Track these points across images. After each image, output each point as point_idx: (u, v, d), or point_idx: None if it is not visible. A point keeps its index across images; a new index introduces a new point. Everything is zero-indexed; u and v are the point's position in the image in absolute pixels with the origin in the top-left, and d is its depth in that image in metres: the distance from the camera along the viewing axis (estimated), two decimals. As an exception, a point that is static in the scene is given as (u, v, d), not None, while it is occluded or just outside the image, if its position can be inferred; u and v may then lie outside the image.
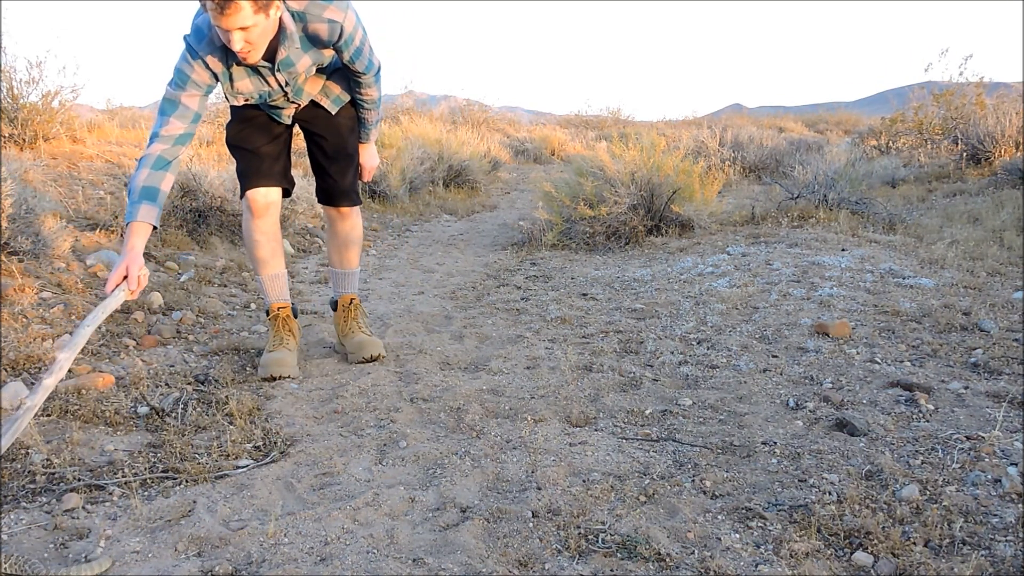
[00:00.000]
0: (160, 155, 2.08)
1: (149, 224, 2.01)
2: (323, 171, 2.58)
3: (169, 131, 2.10)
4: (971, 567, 1.32)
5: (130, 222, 2.00)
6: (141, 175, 2.06)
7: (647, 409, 2.17)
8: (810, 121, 19.84)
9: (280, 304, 2.59)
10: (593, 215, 4.79)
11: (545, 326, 3.07)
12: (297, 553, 1.45)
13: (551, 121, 21.33)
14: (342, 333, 2.72)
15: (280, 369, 2.44)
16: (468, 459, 1.86)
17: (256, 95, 2.28)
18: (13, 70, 5.36)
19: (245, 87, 2.24)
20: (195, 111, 2.14)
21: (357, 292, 2.75)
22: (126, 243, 1.96)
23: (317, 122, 2.50)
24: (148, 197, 2.03)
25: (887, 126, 9.15)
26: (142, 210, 2.01)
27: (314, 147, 2.57)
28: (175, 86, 2.12)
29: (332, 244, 2.71)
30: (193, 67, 2.11)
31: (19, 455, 1.79)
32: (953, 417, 1.99)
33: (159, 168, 2.08)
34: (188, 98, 2.12)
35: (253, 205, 2.46)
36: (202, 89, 2.14)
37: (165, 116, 2.11)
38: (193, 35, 2.10)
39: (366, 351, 2.60)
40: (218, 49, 2.10)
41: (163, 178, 2.08)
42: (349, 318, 2.70)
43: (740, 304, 3.17)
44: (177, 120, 2.11)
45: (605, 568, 1.39)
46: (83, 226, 3.69)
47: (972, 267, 3.57)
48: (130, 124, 8.34)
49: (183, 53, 2.12)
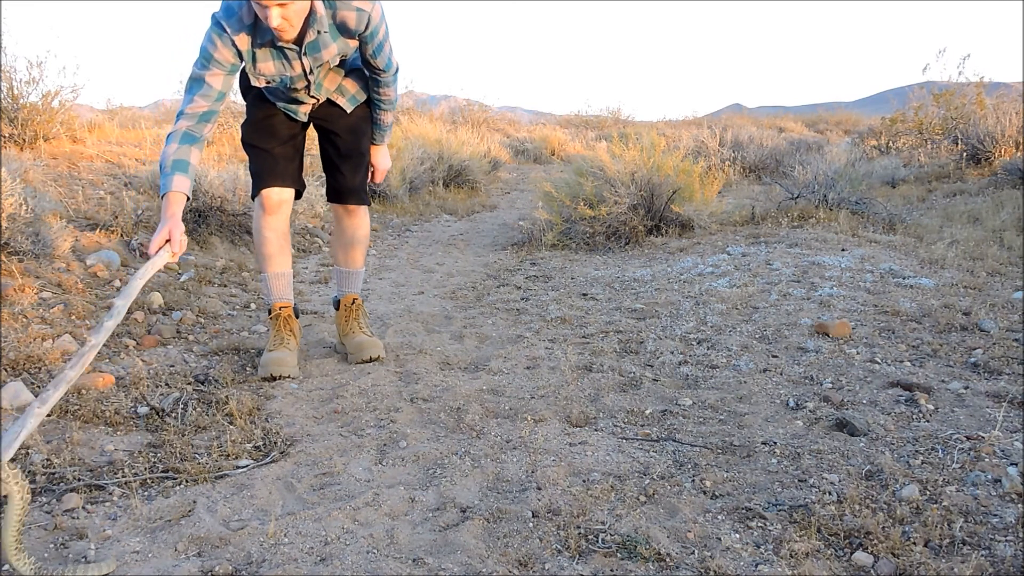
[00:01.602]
0: (186, 131, 2.17)
1: (183, 193, 2.10)
2: (335, 168, 2.60)
3: (194, 109, 2.18)
4: (971, 567, 1.32)
5: (165, 193, 2.08)
6: (170, 149, 2.14)
7: (647, 409, 2.17)
8: (810, 121, 19.84)
9: (282, 303, 2.60)
10: (593, 215, 4.79)
11: (545, 326, 3.07)
12: (297, 553, 1.45)
13: (551, 121, 21.33)
14: (343, 333, 2.72)
15: (280, 369, 2.44)
16: (468, 459, 1.86)
17: (278, 78, 2.31)
18: (13, 70, 5.36)
19: (268, 69, 2.27)
20: (219, 90, 2.20)
21: (360, 292, 2.76)
22: (165, 211, 2.05)
23: (332, 120, 2.54)
24: (180, 169, 2.12)
25: (887, 126, 9.15)
26: (176, 181, 2.10)
27: (328, 145, 2.60)
28: (200, 66, 2.18)
29: (338, 243, 2.73)
30: (217, 46, 2.15)
31: (19, 455, 1.79)
32: (953, 417, 1.99)
33: (186, 143, 2.16)
34: (212, 77, 2.18)
35: (266, 203, 2.49)
36: (225, 68, 2.19)
37: (190, 95, 2.19)
38: (223, 11, 2.14)
39: (365, 352, 2.61)
40: (246, 27, 2.15)
41: (190, 152, 2.16)
42: (350, 318, 2.71)
43: (740, 304, 3.17)
44: (201, 99, 2.18)
45: (605, 568, 1.39)
46: (83, 226, 3.69)
47: (972, 267, 3.57)
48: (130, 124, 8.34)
49: (208, 31, 2.16)
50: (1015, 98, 8.16)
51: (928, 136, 8.46)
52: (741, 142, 9.13)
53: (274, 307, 2.59)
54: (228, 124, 8.10)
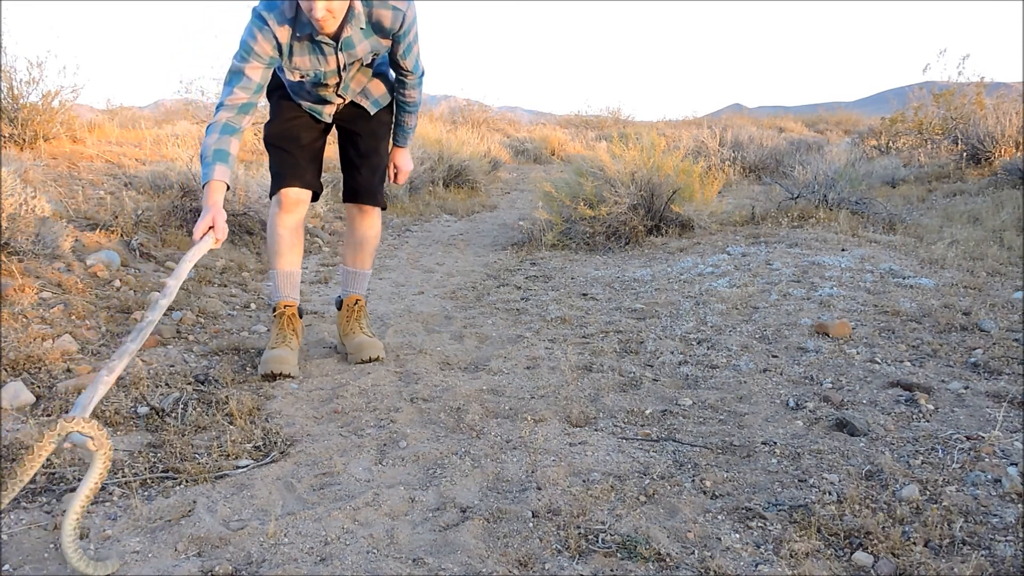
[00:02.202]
0: (226, 122, 2.22)
1: (224, 182, 2.15)
2: (354, 168, 2.65)
3: (233, 100, 2.23)
4: (971, 567, 1.32)
5: (207, 181, 2.14)
6: (211, 140, 2.20)
7: (647, 409, 2.17)
8: (810, 121, 19.83)
9: (287, 302, 2.61)
10: (593, 215, 4.79)
11: (545, 326, 3.07)
12: (297, 553, 1.45)
13: (551, 121, 21.32)
14: (343, 333, 2.73)
15: (280, 366, 2.45)
16: (468, 459, 1.86)
17: (312, 73, 2.36)
18: (13, 70, 5.37)
19: (303, 63, 2.32)
20: (257, 82, 2.25)
21: (364, 294, 2.78)
22: (207, 199, 2.10)
23: (354, 121, 2.59)
24: (220, 159, 2.18)
25: (887, 126, 9.16)
26: (217, 170, 2.15)
27: (348, 144, 2.64)
28: (239, 58, 2.23)
29: (349, 242, 2.75)
30: (258, 39, 2.20)
31: (19, 455, 1.79)
32: (953, 417, 1.99)
33: (226, 133, 2.21)
34: (251, 70, 2.23)
35: (284, 201, 2.54)
36: (264, 61, 2.24)
37: (230, 87, 2.24)
38: (265, 5, 2.20)
39: (365, 352, 2.62)
40: (287, 20, 2.20)
41: (230, 143, 2.21)
42: (352, 318, 2.73)
43: (740, 304, 3.17)
44: (240, 91, 2.23)
45: (605, 568, 1.39)
46: (83, 226, 3.69)
47: (972, 267, 3.57)
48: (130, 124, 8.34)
49: (249, 24, 2.21)
50: (1015, 98, 8.16)
51: (928, 136, 8.46)
52: (741, 142, 9.13)
53: (279, 305, 2.60)
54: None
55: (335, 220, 5.55)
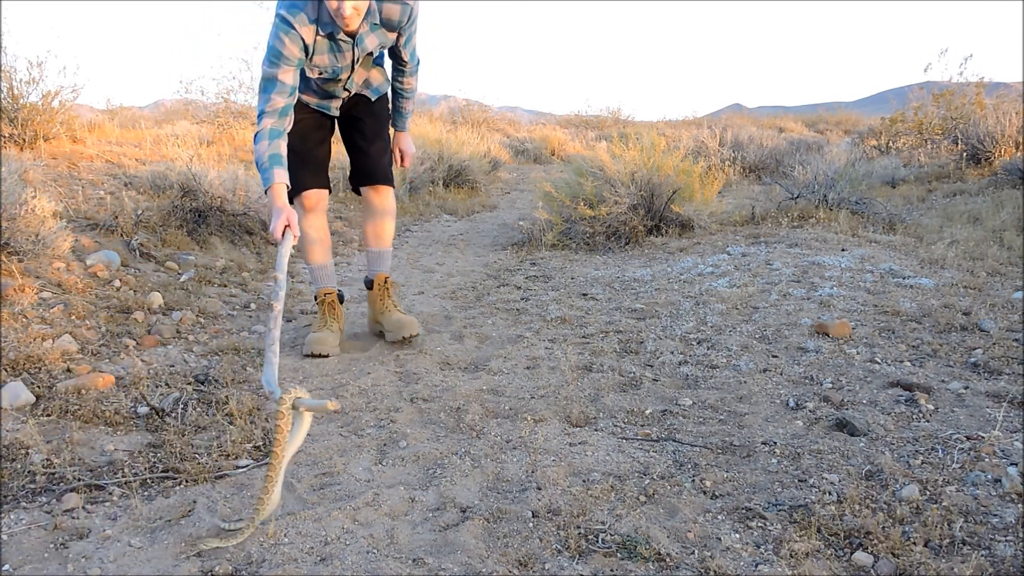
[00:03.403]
0: (272, 127, 2.36)
1: (285, 183, 2.31)
2: (362, 152, 2.79)
3: (272, 107, 2.36)
4: (971, 567, 1.32)
5: (271, 185, 2.29)
6: (263, 147, 2.34)
7: (647, 409, 2.17)
8: (810, 121, 19.83)
9: (327, 290, 2.82)
10: (593, 215, 4.79)
11: (545, 326, 3.07)
12: (297, 553, 1.45)
13: (551, 121, 21.32)
14: (378, 311, 2.88)
15: (321, 347, 2.64)
16: (468, 459, 1.86)
17: (330, 70, 2.51)
18: (13, 70, 5.36)
19: (322, 61, 2.46)
20: (291, 85, 2.37)
21: (389, 271, 2.92)
22: (275, 201, 2.26)
23: (358, 107, 2.75)
24: (276, 162, 2.32)
25: (887, 126, 9.15)
26: (277, 173, 2.31)
27: (354, 131, 2.78)
28: (270, 64, 2.35)
29: (368, 224, 2.88)
30: (285, 43, 2.32)
31: (19, 455, 1.79)
32: (953, 417, 1.99)
33: (275, 138, 2.35)
34: (283, 74, 2.35)
35: (306, 203, 2.71)
36: (293, 63, 2.36)
37: (267, 94, 2.36)
38: (288, 8, 2.31)
39: (404, 330, 2.75)
40: (311, 21, 2.33)
41: (280, 146, 2.36)
42: (385, 297, 2.87)
43: (740, 304, 3.17)
44: (277, 96, 2.36)
45: (605, 568, 1.39)
46: (83, 226, 3.69)
47: (972, 267, 3.57)
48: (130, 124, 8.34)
49: (275, 30, 2.33)
50: (1015, 98, 8.17)
51: (928, 136, 8.46)
52: (741, 142, 9.13)
53: (319, 293, 2.82)
54: (228, 124, 8.11)
55: (335, 220, 5.54)
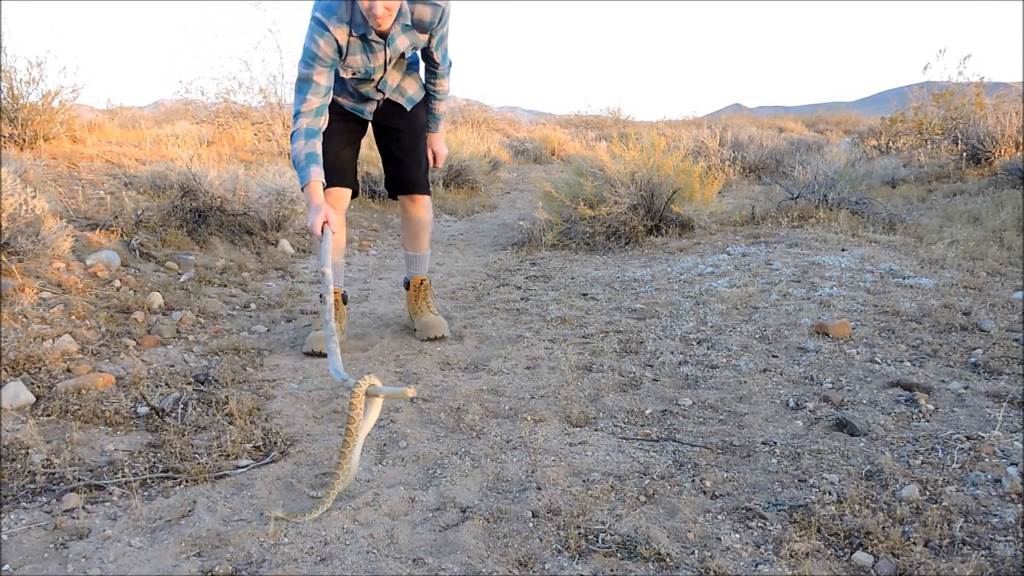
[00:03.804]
0: (308, 127, 2.44)
1: (321, 181, 2.41)
2: (399, 163, 2.87)
3: (308, 107, 2.44)
4: (971, 567, 1.32)
5: (308, 183, 2.38)
6: (299, 146, 2.42)
7: (647, 409, 2.17)
8: (810, 121, 19.84)
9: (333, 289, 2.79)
10: (593, 215, 4.79)
11: (545, 326, 3.07)
12: (297, 553, 1.45)
13: (551, 121, 21.32)
14: (412, 312, 3.00)
15: (321, 345, 2.68)
16: (468, 459, 1.86)
17: (363, 70, 2.57)
18: (13, 70, 5.37)
19: (355, 62, 2.53)
20: (325, 85, 2.45)
21: (427, 273, 3.04)
22: (313, 198, 2.36)
23: (394, 119, 2.81)
24: (313, 161, 2.41)
25: (887, 126, 9.15)
26: (313, 171, 2.39)
27: (390, 142, 2.86)
28: (306, 65, 2.42)
29: (406, 230, 3.00)
30: (320, 44, 2.39)
31: (19, 455, 1.79)
32: (953, 417, 1.99)
33: (310, 137, 2.43)
34: (318, 75, 2.43)
35: (328, 200, 2.69)
36: (328, 64, 2.43)
37: (302, 94, 2.44)
38: (323, 11, 2.38)
39: (432, 331, 2.87)
40: (344, 22, 2.39)
41: (315, 145, 2.44)
42: (419, 298, 2.99)
43: (740, 304, 3.17)
44: (313, 96, 2.44)
45: (605, 568, 1.39)
46: (83, 226, 3.69)
47: (972, 267, 3.57)
48: (130, 124, 8.34)
49: (310, 32, 2.39)
50: (1015, 98, 8.17)
51: (928, 136, 8.46)
52: (741, 142, 9.12)
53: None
54: (228, 124, 8.11)
55: (335, 220, 5.54)
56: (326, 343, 1.93)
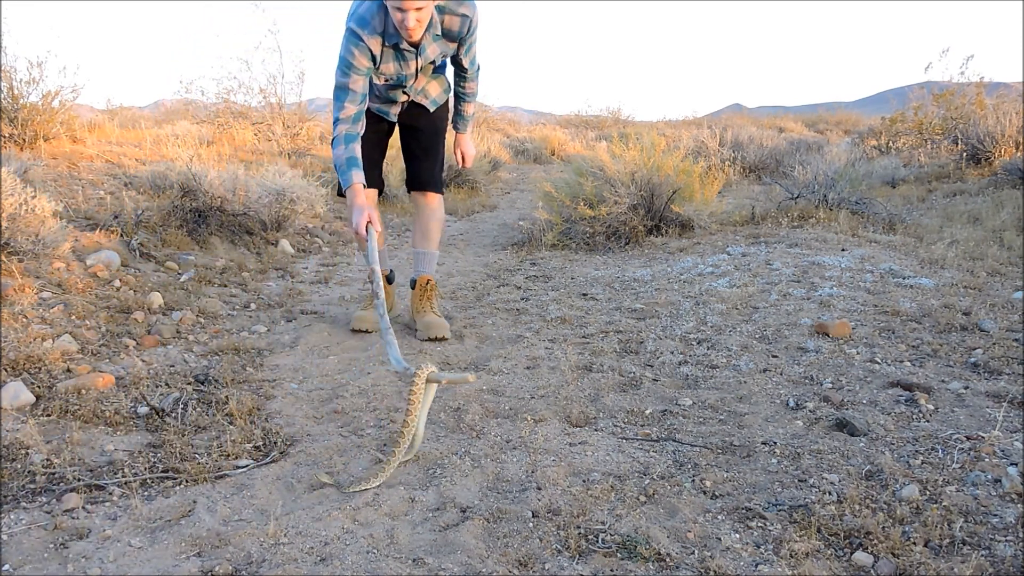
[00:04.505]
0: (347, 132, 2.56)
1: (362, 183, 2.52)
2: (418, 160, 3.00)
3: (346, 113, 2.56)
4: (971, 567, 1.32)
5: (349, 185, 2.49)
6: (340, 151, 2.54)
7: (647, 409, 2.17)
8: (810, 121, 19.84)
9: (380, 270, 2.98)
10: (593, 215, 4.79)
11: (545, 326, 3.07)
12: (297, 553, 1.45)
13: (551, 121, 21.32)
14: (415, 311, 3.03)
15: (361, 324, 2.93)
16: (468, 459, 1.86)
17: (395, 77, 2.70)
18: (13, 70, 5.37)
19: (388, 69, 2.65)
20: (361, 93, 2.57)
21: (434, 272, 3.08)
22: (356, 200, 2.47)
23: (416, 119, 2.93)
24: (353, 165, 2.52)
25: (887, 126, 9.15)
26: (355, 174, 2.51)
27: (412, 140, 2.98)
28: (342, 74, 2.55)
29: (417, 227, 3.08)
30: (355, 54, 2.51)
31: (19, 455, 1.79)
32: (953, 417, 1.99)
33: (350, 142, 2.55)
34: (354, 83, 2.54)
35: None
36: (363, 73, 2.55)
37: (340, 102, 2.55)
38: (357, 22, 2.49)
39: (432, 332, 2.89)
40: (378, 33, 2.51)
41: (355, 149, 2.55)
42: (424, 298, 3.02)
43: (740, 304, 3.17)
44: (350, 103, 2.55)
45: (605, 568, 1.39)
46: (83, 226, 3.69)
47: (972, 267, 3.57)
48: (130, 124, 8.34)
49: (345, 42, 2.51)
50: (1015, 98, 8.16)
51: (928, 136, 8.45)
52: (741, 142, 9.12)
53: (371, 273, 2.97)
54: (228, 124, 8.11)
55: (335, 220, 5.55)
56: (383, 336, 2.07)
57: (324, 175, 6.09)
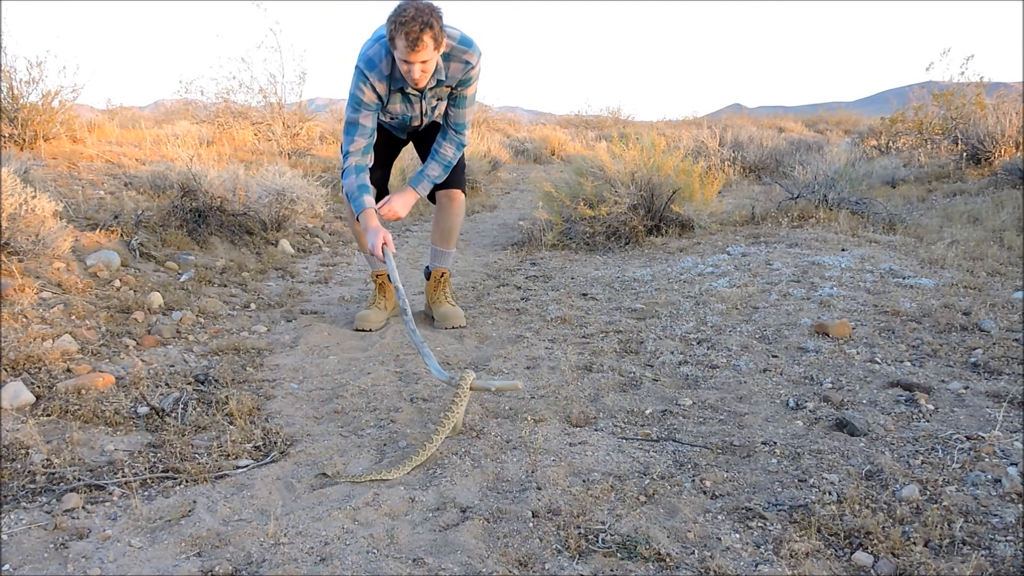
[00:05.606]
0: (356, 164, 2.72)
1: (374, 208, 2.67)
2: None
3: (356, 146, 2.72)
4: (971, 567, 1.32)
5: (362, 211, 2.66)
6: (351, 180, 2.70)
7: (647, 409, 2.17)
8: (810, 121, 19.84)
9: (379, 272, 3.14)
10: (593, 215, 4.79)
11: (545, 326, 3.07)
12: (297, 553, 1.45)
13: (551, 121, 21.32)
14: (431, 301, 3.20)
15: (365, 323, 3.03)
16: (468, 459, 1.86)
17: (400, 115, 2.83)
18: (13, 70, 5.37)
19: (395, 109, 2.80)
20: (371, 127, 2.72)
21: (449, 267, 3.21)
22: (370, 224, 2.64)
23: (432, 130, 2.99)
24: (365, 191, 2.69)
25: (887, 126, 9.15)
26: (367, 200, 2.67)
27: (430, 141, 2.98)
28: (352, 110, 2.68)
29: (437, 225, 3.17)
30: (364, 92, 2.64)
31: (19, 455, 1.79)
32: (953, 417, 1.99)
33: (360, 172, 2.72)
34: (364, 118, 2.69)
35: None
36: (372, 109, 2.69)
37: (350, 136, 2.71)
38: (366, 64, 2.61)
39: (450, 321, 3.06)
40: (385, 77, 2.63)
41: (365, 178, 2.72)
42: (438, 289, 3.18)
43: (740, 304, 3.17)
44: (359, 137, 2.71)
45: (605, 568, 1.39)
46: (83, 226, 3.69)
47: (972, 267, 3.57)
48: (130, 124, 8.34)
49: (355, 81, 2.65)
50: (1015, 98, 8.16)
51: (928, 136, 8.45)
52: (741, 142, 9.12)
53: (373, 275, 3.18)
54: (228, 124, 8.11)
55: (335, 220, 5.55)
56: (419, 349, 2.21)
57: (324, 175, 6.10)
